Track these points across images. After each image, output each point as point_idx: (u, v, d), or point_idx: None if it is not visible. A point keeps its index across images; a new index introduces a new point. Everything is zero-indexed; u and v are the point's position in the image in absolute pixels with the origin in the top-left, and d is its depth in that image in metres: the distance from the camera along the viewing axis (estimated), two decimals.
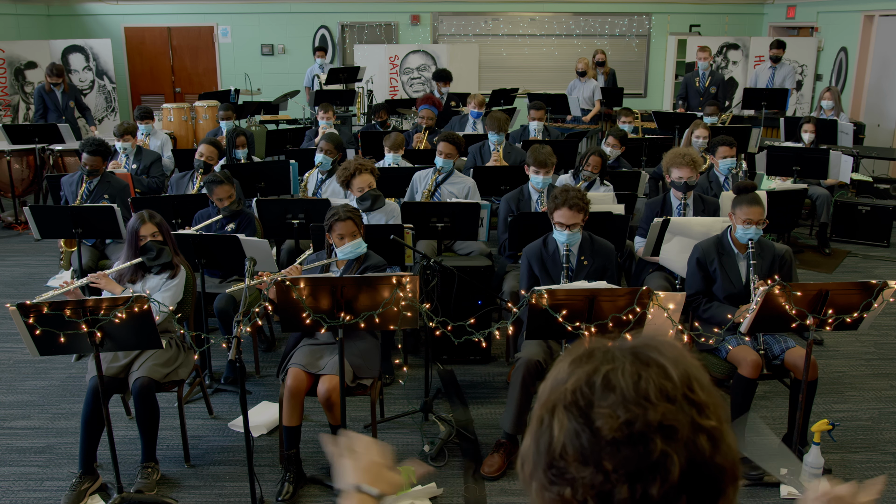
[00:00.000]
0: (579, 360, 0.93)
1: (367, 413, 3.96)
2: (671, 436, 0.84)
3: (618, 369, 0.89)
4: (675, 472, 0.84)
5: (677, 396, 0.87)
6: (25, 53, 10.75)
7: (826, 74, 11.05)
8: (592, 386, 0.88)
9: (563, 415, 0.89)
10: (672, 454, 0.84)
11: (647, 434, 0.84)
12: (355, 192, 4.72)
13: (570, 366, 0.93)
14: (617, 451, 0.84)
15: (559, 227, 3.87)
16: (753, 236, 3.81)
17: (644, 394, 0.86)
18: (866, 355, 5.02)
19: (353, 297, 3.23)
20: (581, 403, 0.88)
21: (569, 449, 0.87)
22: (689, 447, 0.85)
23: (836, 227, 7.51)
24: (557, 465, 0.88)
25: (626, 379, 0.88)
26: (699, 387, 0.89)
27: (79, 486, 3.47)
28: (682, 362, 0.91)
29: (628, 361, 0.90)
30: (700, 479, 0.85)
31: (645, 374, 0.88)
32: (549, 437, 0.89)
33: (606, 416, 0.86)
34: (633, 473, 0.84)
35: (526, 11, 12.74)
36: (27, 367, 4.81)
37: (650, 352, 0.91)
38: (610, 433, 0.85)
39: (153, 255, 3.72)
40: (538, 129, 7.35)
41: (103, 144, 5.54)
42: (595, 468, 0.85)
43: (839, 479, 1.25)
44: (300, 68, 11.70)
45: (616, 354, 0.91)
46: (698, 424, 0.86)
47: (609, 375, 0.88)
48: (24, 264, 6.84)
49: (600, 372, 0.89)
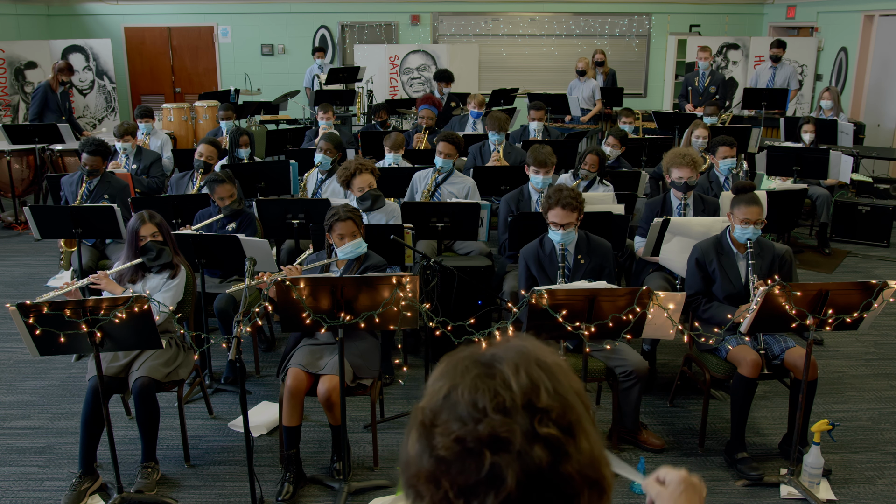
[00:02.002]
0: (438, 377, 0.92)
1: (367, 413, 3.96)
2: (503, 447, 0.83)
3: (459, 385, 0.88)
4: (510, 484, 0.82)
5: (515, 407, 0.85)
6: (25, 53, 10.76)
7: (826, 74, 11.05)
8: (437, 404, 0.88)
9: (414, 435, 0.90)
10: (504, 466, 0.82)
11: (475, 449, 0.83)
12: (356, 192, 4.72)
13: (432, 383, 0.93)
14: (450, 468, 0.84)
15: (553, 226, 3.87)
16: (752, 236, 3.81)
17: (481, 407, 0.85)
18: (866, 355, 5.02)
19: (353, 297, 3.23)
20: (427, 422, 0.88)
21: (419, 469, 0.88)
22: (523, 458, 0.83)
23: (836, 227, 7.51)
24: (412, 484, 0.89)
25: (465, 395, 0.87)
26: (545, 392, 0.87)
27: (79, 486, 3.46)
28: (529, 368, 0.88)
29: (472, 376, 0.88)
30: (542, 488, 0.83)
31: (484, 387, 0.86)
32: (407, 457, 0.91)
33: (441, 434, 0.86)
34: (465, 489, 0.83)
35: (526, 11, 12.75)
36: (27, 367, 4.81)
37: (497, 362, 0.90)
38: (443, 451, 0.85)
39: (153, 256, 3.72)
40: (538, 129, 7.35)
41: (103, 144, 5.54)
42: (435, 486, 0.86)
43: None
44: (300, 68, 11.70)
45: (465, 369, 0.90)
46: (535, 434, 0.84)
47: (451, 392, 0.88)
48: (24, 264, 6.84)
49: (444, 388, 0.89)
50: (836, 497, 3.49)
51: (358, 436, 3.99)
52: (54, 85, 8.73)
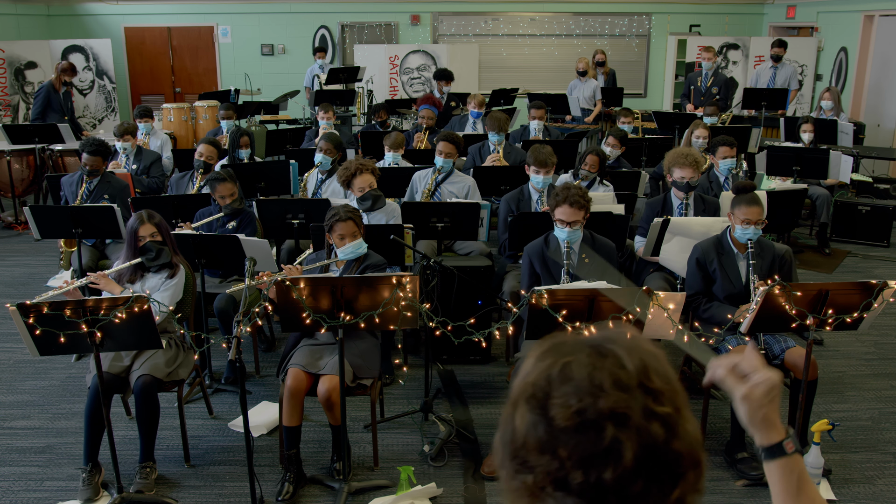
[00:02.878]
0: (542, 356, 0.96)
1: (367, 413, 3.96)
2: (623, 422, 0.87)
3: (574, 361, 0.92)
4: (628, 458, 0.86)
5: (631, 385, 0.89)
6: (25, 53, 10.76)
7: (826, 74, 11.05)
8: (550, 378, 0.92)
9: (524, 408, 0.92)
10: (624, 440, 0.86)
11: (598, 421, 0.87)
12: (356, 192, 4.72)
13: (535, 361, 0.96)
14: (570, 439, 0.88)
15: (560, 224, 3.87)
16: (752, 236, 3.81)
17: (598, 383, 0.89)
18: (866, 355, 5.02)
19: (353, 297, 3.23)
20: (539, 395, 0.91)
21: (529, 439, 0.91)
22: (641, 433, 0.87)
23: (836, 227, 7.51)
24: (520, 455, 0.92)
25: (582, 370, 0.91)
26: (656, 375, 0.91)
27: (92, 479, 3.48)
28: (639, 352, 0.93)
29: (585, 353, 0.93)
30: (656, 464, 0.87)
31: (599, 365, 0.91)
32: (512, 430, 0.94)
33: (560, 405, 0.89)
34: (585, 459, 0.87)
35: (526, 11, 12.75)
36: (27, 367, 4.81)
37: (608, 343, 0.94)
38: (563, 422, 0.88)
39: (152, 256, 3.72)
40: (538, 129, 7.35)
41: (103, 144, 5.54)
42: (551, 456, 0.88)
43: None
44: (300, 68, 11.70)
45: (575, 347, 0.95)
46: (652, 411, 0.88)
47: (565, 368, 0.92)
48: (24, 264, 6.84)
49: (558, 364, 0.93)
50: (836, 497, 3.49)
51: (358, 436, 3.99)
52: (57, 85, 8.73)
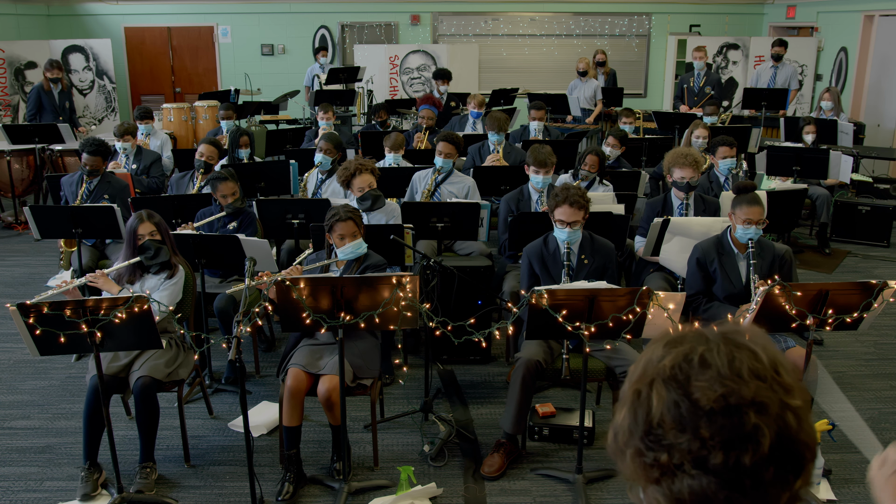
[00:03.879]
0: (673, 343, 0.99)
1: (367, 413, 3.96)
2: (763, 411, 0.91)
3: (713, 349, 0.96)
4: (765, 444, 0.90)
5: (768, 377, 0.94)
6: (25, 53, 10.76)
7: (826, 74, 11.05)
8: (690, 363, 0.95)
9: (661, 387, 0.95)
10: (763, 427, 0.90)
11: (741, 407, 0.91)
12: (356, 192, 4.72)
13: (665, 347, 0.99)
14: (714, 421, 0.91)
15: (560, 224, 3.87)
16: (753, 236, 3.81)
17: (738, 371, 0.93)
18: (866, 355, 5.02)
19: (353, 297, 3.23)
20: (680, 377, 0.95)
21: (667, 418, 0.94)
22: (778, 422, 0.91)
23: (836, 227, 7.51)
24: (655, 433, 0.94)
25: (721, 358, 0.94)
26: (783, 370, 0.96)
27: (90, 476, 3.49)
28: (769, 348, 0.98)
29: (722, 343, 0.97)
30: (786, 453, 0.92)
31: (738, 355, 0.95)
32: (647, 408, 0.96)
33: (704, 388, 0.92)
34: (727, 441, 0.90)
35: (526, 11, 12.75)
36: (27, 367, 4.81)
37: (740, 337, 0.98)
38: (708, 404, 0.91)
39: (151, 255, 3.72)
40: (538, 129, 7.35)
41: (103, 144, 5.54)
42: (692, 435, 0.92)
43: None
44: (300, 68, 11.70)
45: (709, 337, 0.98)
46: (786, 403, 0.93)
47: (705, 354, 0.95)
48: (24, 264, 6.84)
49: (697, 351, 0.96)
50: (836, 497, 3.49)
51: (358, 436, 3.99)
52: (46, 85, 8.72)
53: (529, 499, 3.50)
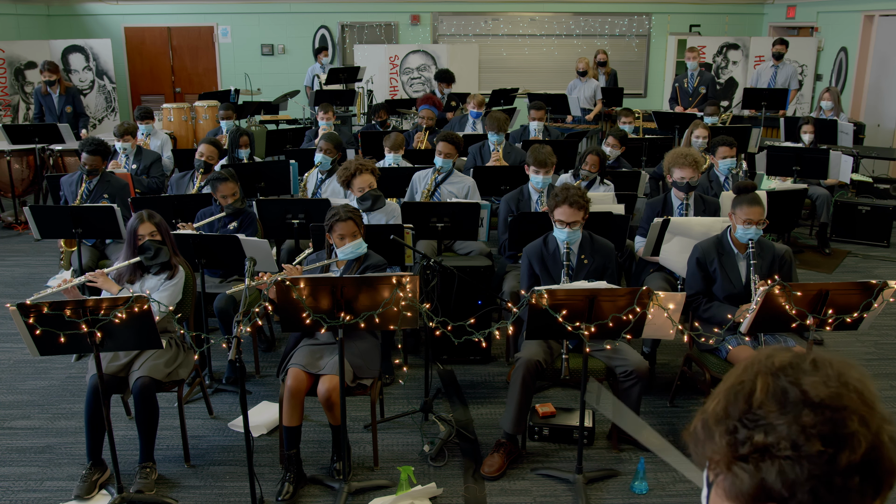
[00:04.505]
0: (780, 349, 1.03)
1: (367, 413, 3.96)
2: (864, 422, 0.93)
3: (822, 360, 0.99)
4: (859, 452, 0.91)
5: (871, 401, 0.96)
6: (25, 53, 10.76)
7: (826, 74, 11.05)
8: (800, 365, 0.98)
9: (768, 377, 0.98)
10: (861, 436, 0.92)
11: (846, 410, 0.93)
12: (356, 192, 4.72)
13: (772, 351, 1.02)
14: (820, 412, 0.92)
15: (559, 224, 3.87)
16: (753, 236, 3.81)
17: (846, 383, 0.96)
18: (866, 355, 5.02)
19: (353, 297, 3.23)
20: (790, 372, 0.97)
21: (771, 401, 0.95)
22: (875, 437, 0.93)
23: (836, 227, 7.51)
24: (755, 413, 0.96)
25: (833, 368, 0.97)
26: (871, 394, 0.98)
27: (89, 477, 3.49)
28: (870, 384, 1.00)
29: (830, 357, 1.00)
30: (874, 468, 0.93)
31: (847, 371, 0.98)
32: (749, 391, 0.98)
33: (816, 384, 0.95)
34: (828, 435, 0.92)
35: (526, 11, 12.75)
36: (27, 367, 4.81)
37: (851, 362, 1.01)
38: (818, 396, 0.93)
39: (151, 255, 3.72)
40: (538, 129, 7.35)
41: (103, 144, 5.54)
42: (794, 419, 0.93)
43: None
44: (300, 68, 11.71)
45: (816, 352, 1.02)
46: (884, 424, 0.95)
47: (816, 361, 0.99)
48: (24, 264, 6.84)
49: (807, 358, 0.99)
50: None
51: (358, 436, 3.99)
52: (43, 88, 8.70)
53: (529, 499, 3.50)
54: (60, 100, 8.74)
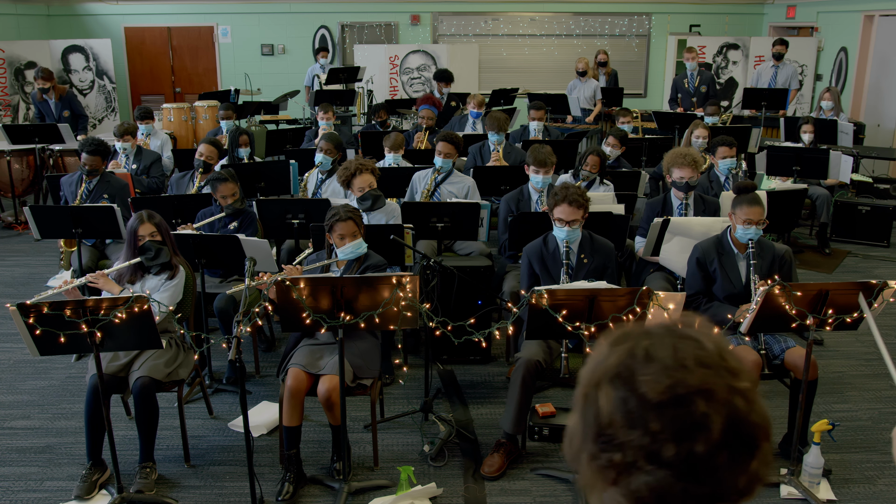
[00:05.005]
0: (618, 340, 1.00)
1: (367, 413, 3.96)
2: (710, 397, 0.91)
3: (656, 343, 0.96)
4: (716, 430, 0.90)
5: (713, 363, 0.94)
6: (25, 53, 10.76)
7: (826, 74, 11.05)
8: (634, 358, 0.96)
9: (608, 387, 0.95)
10: (712, 414, 0.91)
11: (688, 396, 0.91)
12: (356, 192, 4.72)
13: (610, 346, 1.00)
14: (663, 413, 0.91)
15: (559, 223, 3.87)
16: (753, 236, 3.81)
17: (682, 361, 0.94)
18: (866, 355, 5.02)
19: (353, 297, 3.23)
20: (625, 374, 0.95)
21: (616, 416, 0.93)
22: (727, 407, 0.92)
23: (836, 227, 7.51)
24: (606, 434, 0.94)
25: (666, 350, 0.95)
26: (729, 355, 0.97)
27: (89, 477, 3.49)
28: (713, 336, 0.99)
29: (664, 336, 0.98)
30: (738, 436, 0.92)
31: (681, 345, 0.96)
32: (596, 409, 0.96)
33: (650, 381, 0.93)
34: (678, 432, 0.91)
35: (526, 11, 12.75)
36: (27, 367, 4.81)
37: (683, 329, 0.99)
38: (655, 396, 0.92)
39: (151, 255, 3.72)
40: (538, 129, 7.35)
41: (103, 144, 5.54)
42: (643, 430, 0.92)
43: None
44: (300, 68, 11.71)
45: (651, 332, 0.99)
46: (734, 387, 0.93)
47: (649, 348, 0.96)
48: (24, 264, 6.84)
49: (640, 346, 0.96)
50: (836, 497, 3.49)
51: (358, 436, 3.99)
52: (38, 95, 8.67)
53: (529, 499, 3.50)
54: (57, 105, 8.71)
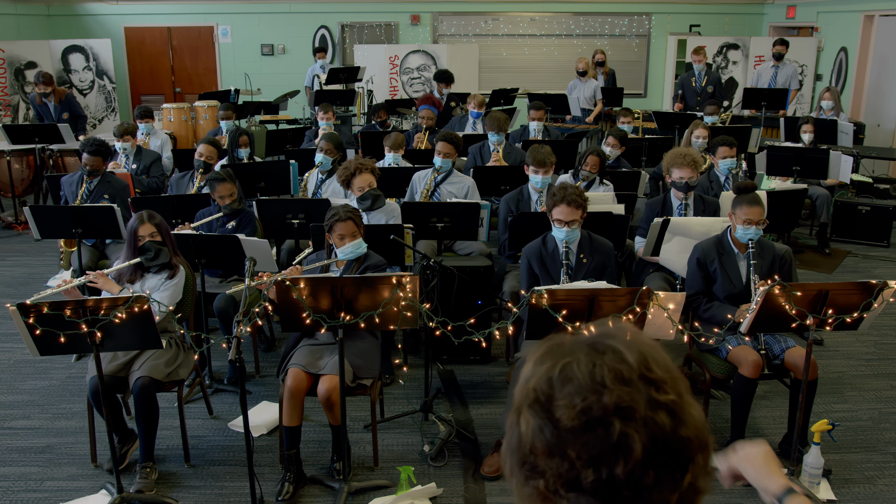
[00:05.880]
0: (541, 359, 0.96)
1: (367, 413, 3.96)
2: (629, 416, 0.87)
3: (573, 361, 0.92)
4: (637, 450, 0.86)
5: (633, 378, 0.89)
6: (25, 53, 10.76)
7: (826, 74, 11.05)
8: (551, 380, 0.91)
9: (527, 413, 0.92)
10: (632, 433, 0.86)
11: (604, 418, 0.87)
12: (356, 192, 4.72)
13: (534, 365, 0.96)
14: (577, 438, 0.87)
15: (558, 223, 3.87)
16: (754, 236, 3.81)
17: (599, 380, 0.89)
18: (866, 355, 5.02)
19: (353, 297, 3.23)
20: (542, 399, 0.91)
21: (537, 444, 0.90)
22: (648, 424, 0.87)
23: (836, 227, 7.51)
24: (529, 461, 0.91)
25: (582, 369, 0.90)
26: (656, 365, 0.91)
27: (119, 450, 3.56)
28: (638, 345, 0.93)
29: (583, 352, 0.93)
30: (665, 452, 0.88)
31: (599, 362, 0.91)
32: (518, 436, 0.93)
33: (564, 406, 0.88)
34: (595, 457, 0.86)
35: (526, 11, 12.75)
36: (27, 367, 4.81)
37: (606, 340, 0.94)
38: (569, 422, 0.88)
39: (151, 256, 3.72)
40: (538, 129, 7.35)
41: (104, 145, 5.54)
42: (560, 458, 0.88)
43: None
44: (300, 68, 11.70)
45: (573, 347, 0.94)
46: (656, 401, 0.88)
47: (566, 368, 0.91)
48: (24, 264, 6.84)
49: (557, 366, 0.92)
50: (836, 497, 3.49)
51: (358, 436, 3.99)
52: (38, 99, 8.67)
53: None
54: (56, 108, 8.71)
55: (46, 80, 8.53)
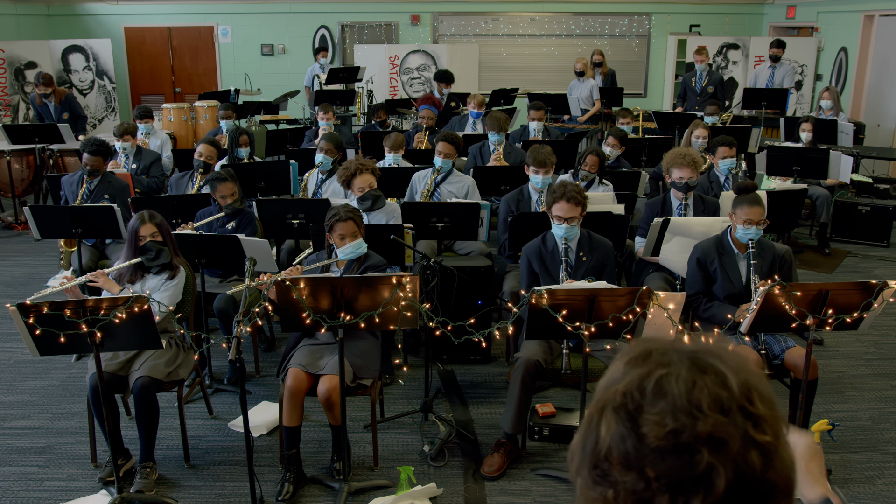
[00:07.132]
0: (635, 361, 0.90)
1: (367, 413, 3.96)
2: (720, 448, 0.81)
3: (672, 375, 0.85)
4: (720, 486, 0.81)
5: (732, 408, 0.83)
6: (25, 53, 10.76)
7: (826, 74, 11.05)
8: (644, 390, 0.86)
9: (611, 417, 0.86)
10: (719, 467, 0.81)
11: (693, 445, 0.81)
12: (356, 192, 4.72)
13: (626, 366, 0.90)
14: (661, 460, 0.82)
15: (557, 220, 3.88)
16: (754, 236, 3.81)
17: (696, 403, 0.83)
18: (866, 355, 5.02)
19: (353, 297, 3.23)
20: (630, 407, 0.85)
21: (614, 452, 0.85)
22: (738, 462, 0.81)
23: (836, 227, 7.50)
24: (601, 467, 0.86)
25: (680, 386, 0.84)
26: (759, 399, 0.85)
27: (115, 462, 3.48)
28: (744, 372, 0.87)
29: (685, 367, 0.86)
30: (748, 494, 0.82)
31: (700, 382, 0.84)
32: (595, 438, 0.87)
33: (654, 422, 0.83)
34: (675, 484, 0.81)
35: (526, 11, 12.75)
36: (27, 367, 4.81)
37: (710, 358, 0.87)
38: (655, 441, 0.82)
39: (152, 256, 3.72)
40: (538, 129, 7.35)
41: (104, 144, 5.54)
42: (637, 474, 0.83)
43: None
44: (300, 68, 11.70)
45: (673, 358, 0.88)
46: (751, 438, 0.83)
47: (662, 380, 0.85)
48: (24, 264, 6.84)
49: (653, 376, 0.86)
50: None
51: (358, 436, 3.99)
52: (38, 100, 8.67)
53: (529, 499, 3.50)
54: (57, 109, 8.71)
55: (46, 81, 8.53)
